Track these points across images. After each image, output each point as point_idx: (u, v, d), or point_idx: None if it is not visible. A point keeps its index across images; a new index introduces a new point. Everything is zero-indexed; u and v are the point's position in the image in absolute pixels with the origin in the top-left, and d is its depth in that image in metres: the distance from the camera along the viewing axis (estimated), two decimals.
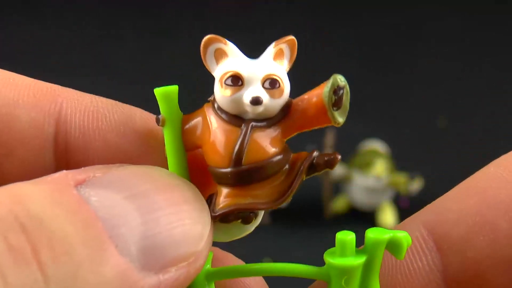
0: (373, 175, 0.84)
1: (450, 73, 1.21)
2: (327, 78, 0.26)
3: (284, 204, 0.28)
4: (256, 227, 0.30)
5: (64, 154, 0.28)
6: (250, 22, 1.26)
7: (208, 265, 0.27)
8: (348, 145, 0.87)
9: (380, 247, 0.27)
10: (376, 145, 0.89)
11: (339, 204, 0.87)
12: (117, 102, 0.29)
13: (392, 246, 0.27)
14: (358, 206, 0.87)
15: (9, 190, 0.23)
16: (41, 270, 0.22)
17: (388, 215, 0.86)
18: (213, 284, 0.28)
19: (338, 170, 0.85)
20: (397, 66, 1.23)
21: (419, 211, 0.31)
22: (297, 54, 0.27)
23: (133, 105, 0.29)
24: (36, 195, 0.23)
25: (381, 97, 1.13)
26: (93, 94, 0.30)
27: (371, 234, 0.26)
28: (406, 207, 0.87)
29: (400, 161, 0.88)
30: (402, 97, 1.13)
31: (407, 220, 0.31)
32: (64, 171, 0.25)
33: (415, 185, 0.85)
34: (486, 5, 1.41)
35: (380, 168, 0.84)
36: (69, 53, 1.22)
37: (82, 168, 0.25)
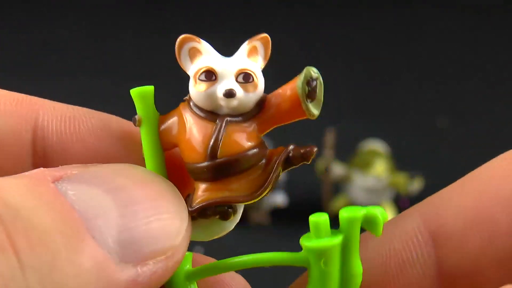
0: (373, 175, 0.84)
1: (450, 73, 1.21)
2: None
3: (283, 203, 0.29)
4: (256, 227, 0.30)
5: (42, 159, 0.28)
6: (250, 22, 1.27)
7: (188, 265, 0.27)
8: (348, 145, 0.87)
9: (355, 225, 0.26)
10: (376, 145, 0.89)
11: (339, 204, 0.87)
12: (92, 110, 0.29)
13: (368, 223, 0.27)
14: (358, 206, 0.87)
15: None
16: (17, 258, 0.22)
17: (388, 215, 0.86)
18: (195, 284, 0.28)
19: (338, 170, 0.85)
20: (397, 66, 1.23)
21: (417, 204, 0.31)
22: (297, 54, 0.28)
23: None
24: (13, 188, 0.23)
25: (381, 97, 1.13)
26: (92, 93, 0.31)
27: (345, 213, 0.26)
28: (406, 207, 0.87)
29: (400, 161, 0.88)
30: (402, 97, 1.13)
31: (405, 212, 0.31)
32: (42, 168, 0.25)
33: (415, 185, 0.85)
34: (486, 5, 1.41)
35: (380, 168, 0.84)
36: (69, 52, 1.22)
37: (60, 166, 0.25)
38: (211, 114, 0.26)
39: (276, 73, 0.31)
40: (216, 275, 0.29)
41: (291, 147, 0.26)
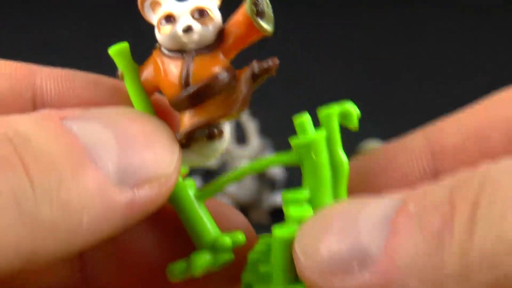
0: None
1: (450, 73, 1.21)
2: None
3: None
4: (256, 227, 0.31)
5: None
6: None
7: (194, 190, 0.31)
8: (348, 145, 0.87)
9: (333, 119, 0.30)
10: (376, 145, 0.88)
11: None
12: (84, 72, 0.33)
13: (344, 118, 0.30)
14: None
15: None
16: (28, 177, 0.25)
17: None
18: (204, 205, 0.31)
19: None
20: (397, 66, 1.23)
21: (420, 129, 0.36)
22: (297, 54, 0.31)
23: None
24: (24, 120, 0.27)
25: (381, 97, 1.13)
26: None
27: (323, 110, 0.30)
28: None
29: None
30: (402, 97, 1.13)
31: (410, 134, 0.36)
32: (48, 109, 0.29)
33: None
34: (486, 5, 1.41)
35: None
36: (69, 52, 1.23)
37: (63, 109, 0.29)
38: (179, 52, 0.29)
39: (281, 73, 0.32)
40: (220, 213, 0.32)
41: (254, 63, 0.29)
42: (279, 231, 0.29)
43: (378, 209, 0.26)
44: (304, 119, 0.30)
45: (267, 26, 0.29)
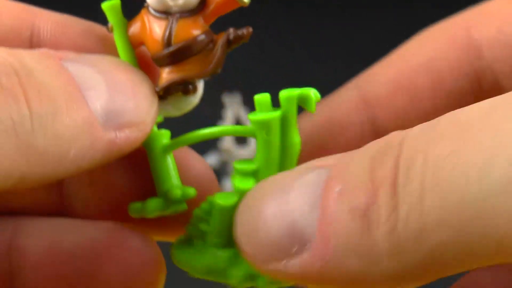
0: None
1: None
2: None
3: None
4: None
5: None
6: (249, 22, 1.26)
7: (166, 140, 0.34)
8: None
9: (292, 102, 0.32)
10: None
11: None
12: (81, 18, 0.36)
13: (303, 101, 0.32)
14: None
15: (5, 47, 0.29)
16: (28, 107, 0.27)
17: None
18: (172, 154, 0.35)
19: None
20: None
21: (352, 80, 0.38)
22: (297, 54, 0.32)
23: None
24: (29, 55, 0.29)
25: None
26: None
27: (283, 92, 0.32)
28: None
29: None
30: None
31: (342, 87, 0.38)
32: (46, 48, 0.32)
33: None
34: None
35: None
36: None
37: (60, 51, 0.32)
38: (164, 13, 0.33)
39: (281, 73, 0.33)
40: (181, 158, 0.36)
41: (230, 30, 0.33)
42: (220, 199, 0.31)
43: (307, 186, 0.27)
44: (263, 98, 0.32)
45: None
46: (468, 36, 0.36)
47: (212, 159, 1.02)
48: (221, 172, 0.96)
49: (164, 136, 0.35)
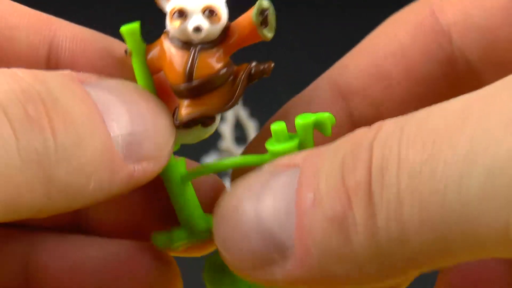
0: None
1: None
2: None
3: None
4: None
5: None
6: None
7: (183, 169, 0.34)
8: None
9: (308, 129, 0.32)
10: None
11: None
12: (100, 33, 0.35)
13: (319, 126, 0.32)
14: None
15: (31, 70, 0.28)
16: (53, 137, 0.26)
17: None
18: (190, 184, 0.34)
19: None
20: None
21: (327, 71, 0.38)
22: (297, 54, 0.32)
23: None
24: (54, 78, 0.28)
25: None
26: None
27: (299, 120, 0.32)
28: None
29: None
30: None
31: (316, 81, 0.38)
32: (69, 70, 0.30)
33: None
34: None
35: None
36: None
37: (79, 73, 0.30)
38: (186, 43, 0.32)
39: (281, 73, 0.33)
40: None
41: (253, 64, 0.32)
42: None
43: (280, 191, 0.27)
44: (279, 128, 0.32)
45: (268, 33, 0.32)
46: (435, 21, 0.35)
47: (212, 159, 1.02)
48: (221, 172, 0.96)
49: (180, 164, 0.34)
